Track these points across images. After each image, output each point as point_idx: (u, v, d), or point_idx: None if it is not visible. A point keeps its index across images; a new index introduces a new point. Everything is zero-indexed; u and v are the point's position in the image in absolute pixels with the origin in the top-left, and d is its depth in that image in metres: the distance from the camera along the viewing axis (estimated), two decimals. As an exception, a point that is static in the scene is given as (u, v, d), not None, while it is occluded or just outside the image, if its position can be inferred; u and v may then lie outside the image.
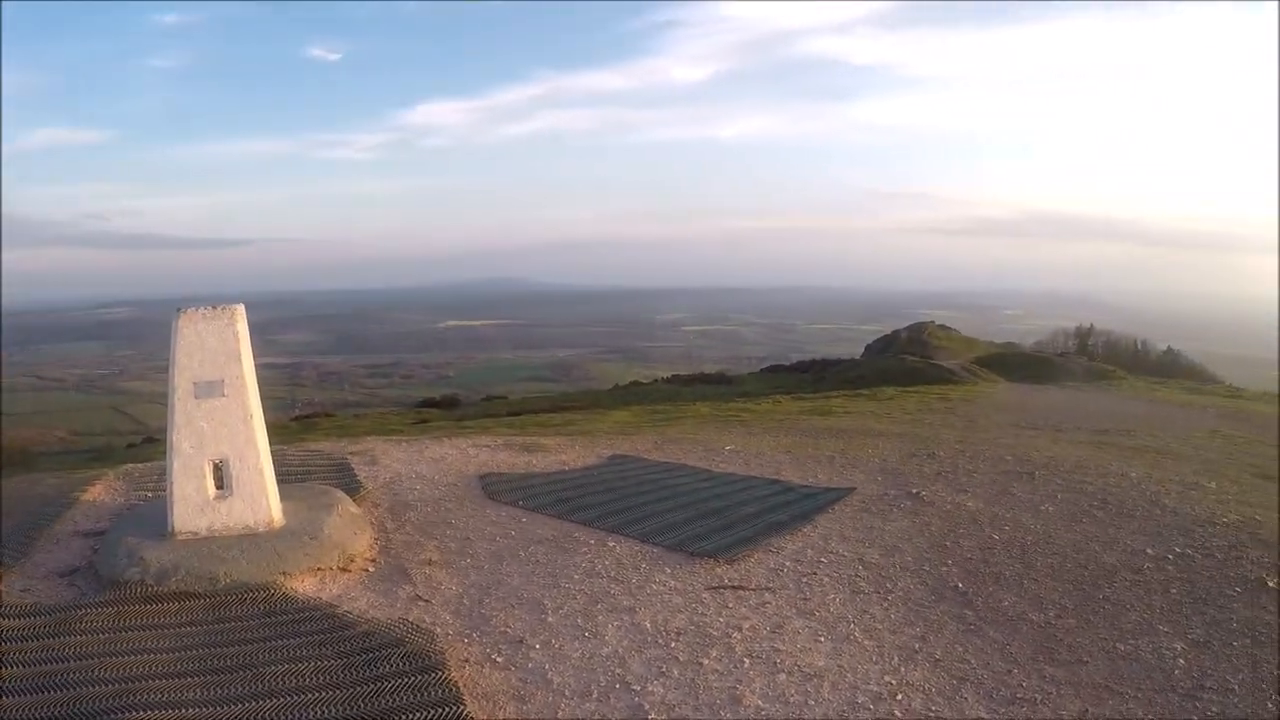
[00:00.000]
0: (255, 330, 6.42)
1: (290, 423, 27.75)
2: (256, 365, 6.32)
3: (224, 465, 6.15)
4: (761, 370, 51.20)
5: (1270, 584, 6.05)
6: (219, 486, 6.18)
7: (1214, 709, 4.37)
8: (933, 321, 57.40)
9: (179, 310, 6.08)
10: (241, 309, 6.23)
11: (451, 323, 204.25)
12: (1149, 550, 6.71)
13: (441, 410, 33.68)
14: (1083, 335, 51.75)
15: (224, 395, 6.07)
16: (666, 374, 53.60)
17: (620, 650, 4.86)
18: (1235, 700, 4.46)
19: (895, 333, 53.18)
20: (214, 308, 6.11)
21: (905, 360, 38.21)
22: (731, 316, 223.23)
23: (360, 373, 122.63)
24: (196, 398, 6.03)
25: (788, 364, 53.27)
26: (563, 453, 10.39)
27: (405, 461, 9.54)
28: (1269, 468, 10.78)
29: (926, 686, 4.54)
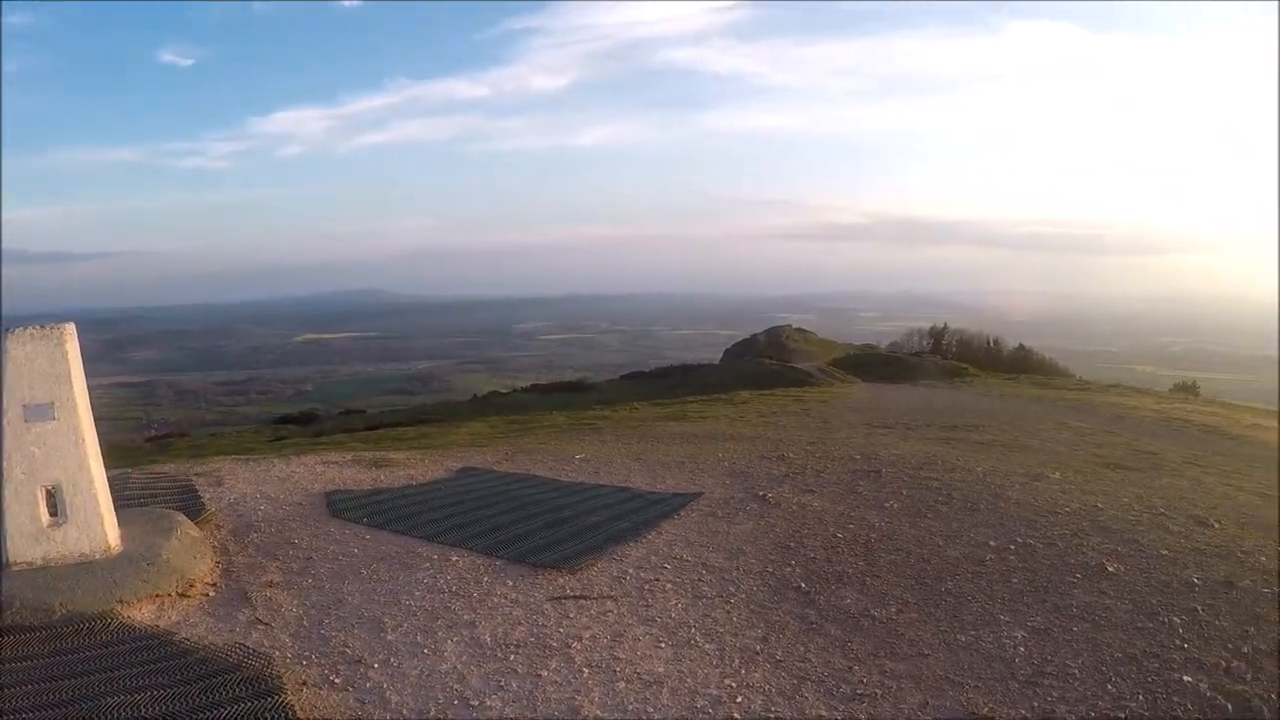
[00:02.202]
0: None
1: (144, 444, 26.58)
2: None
3: (57, 491, 5.90)
4: (621, 377, 51.56)
5: (1110, 568, 6.41)
6: (52, 513, 5.93)
7: (1054, 694, 4.59)
8: (790, 325, 58.74)
9: (8, 331, 5.81)
10: (72, 328, 6.00)
11: (309, 336, 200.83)
12: (991, 542, 7.03)
13: (299, 427, 32.84)
14: (937, 334, 53.74)
15: (54, 419, 5.83)
16: (527, 383, 53.61)
17: (459, 666, 4.86)
18: (1075, 685, 4.70)
19: (753, 337, 54.24)
20: (43, 327, 5.86)
21: (763, 364, 38.97)
22: (592, 324, 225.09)
23: (217, 390, 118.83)
24: (26, 421, 5.78)
25: (647, 370, 53.78)
26: (411, 467, 10.33)
27: (251, 481, 9.35)
28: (1112, 457, 11.44)
29: (766, 687, 4.64)
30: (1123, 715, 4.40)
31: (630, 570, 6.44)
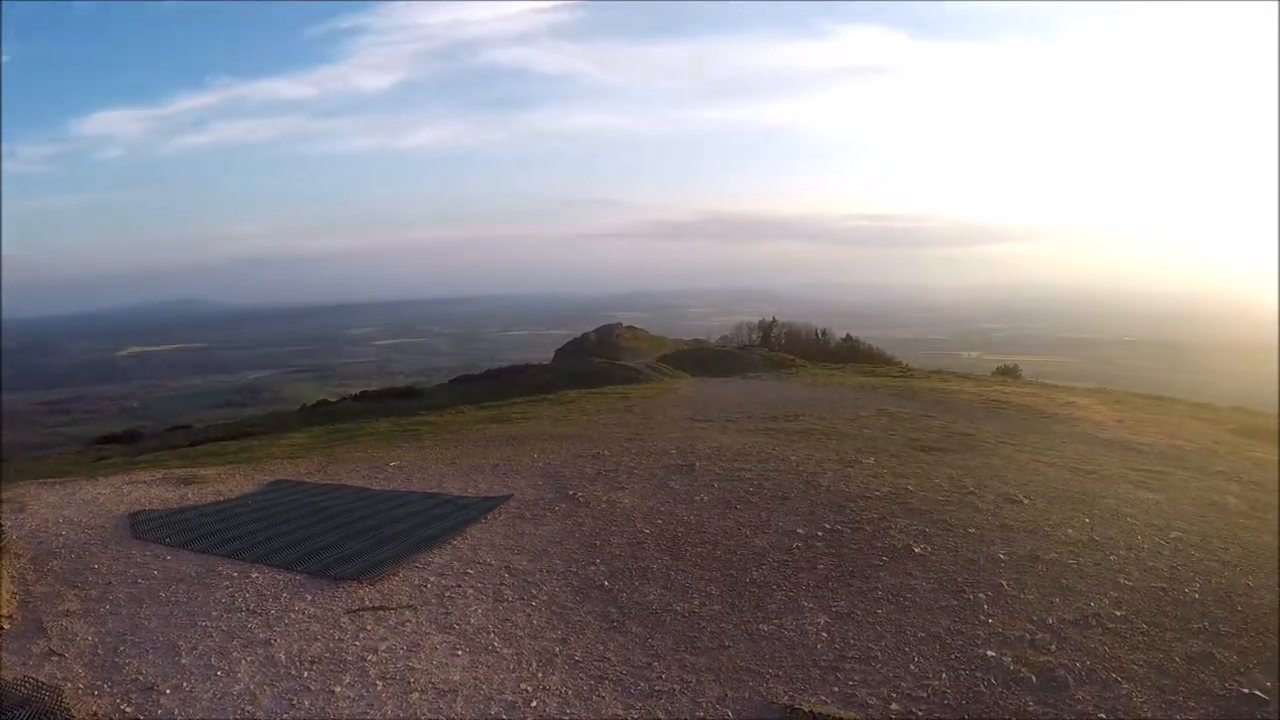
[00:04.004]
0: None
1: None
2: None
3: None
4: (450, 381, 50.99)
5: (916, 549, 6.57)
6: None
7: (855, 678, 4.66)
8: (621, 323, 59.12)
9: None
10: None
11: (133, 349, 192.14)
12: (800, 530, 7.14)
13: (121, 446, 31.20)
14: (765, 328, 54.87)
15: None
16: (357, 391, 52.57)
17: (252, 687, 4.72)
18: (877, 667, 4.78)
19: (584, 336, 54.31)
20: None
21: (592, 362, 39.02)
22: (423, 328, 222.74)
23: (39, 411, 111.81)
24: None
25: (477, 373, 53.36)
26: (221, 483, 10.00)
27: (54, 506, 8.88)
28: (927, 440, 11.81)
29: (563, 689, 4.61)
30: (925, 694, 4.48)
31: (432, 578, 6.35)
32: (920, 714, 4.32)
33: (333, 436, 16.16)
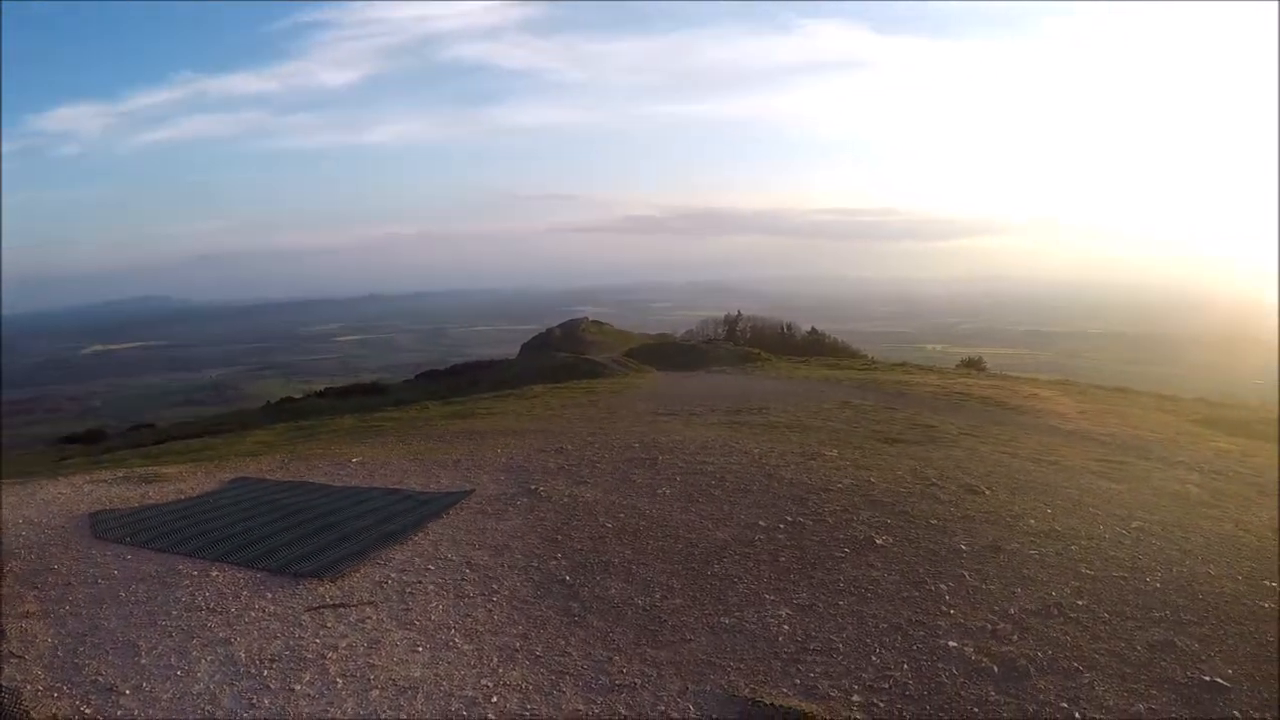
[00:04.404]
0: None
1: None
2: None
3: None
4: (415, 377, 50.94)
5: (878, 541, 6.60)
6: None
7: (817, 670, 4.66)
8: (587, 318, 59.29)
9: None
10: None
11: (96, 347, 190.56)
12: (762, 522, 7.17)
13: (85, 445, 30.94)
14: (731, 322, 55.15)
15: None
16: (321, 387, 52.40)
17: (212, 686, 4.70)
18: (839, 659, 4.79)
19: (550, 331, 54.46)
20: None
21: (557, 357, 39.10)
22: (387, 324, 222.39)
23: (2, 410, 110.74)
24: None
25: (442, 369, 53.36)
26: (183, 481, 9.95)
27: (13, 506, 8.81)
28: (890, 432, 11.88)
29: (524, 685, 4.59)
30: (886, 686, 4.49)
31: (393, 574, 6.33)
32: (882, 705, 4.33)
33: (296, 433, 16.08)
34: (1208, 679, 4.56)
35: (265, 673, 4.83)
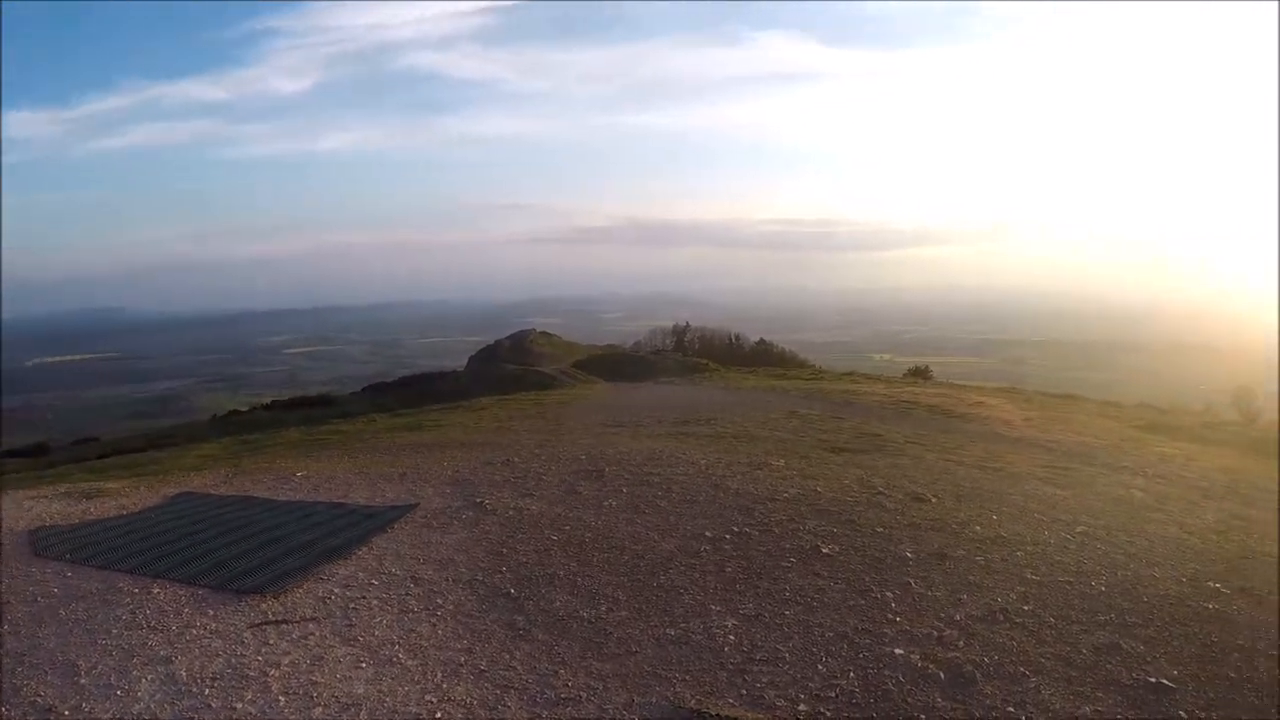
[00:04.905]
0: None
1: None
2: None
3: None
4: (363, 389, 50.60)
5: (824, 550, 6.63)
6: None
7: (763, 680, 4.66)
8: (535, 329, 59.23)
9: None
10: None
11: (42, 359, 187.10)
12: (708, 533, 7.18)
13: (28, 459, 30.28)
14: (679, 332, 55.29)
15: None
16: (269, 400, 51.87)
17: (153, 706, 4.62)
18: (785, 668, 4.79)
19: (498, 342, 54.33)
20: None
21: (506, 369, 39.03)
22: (337, 336, 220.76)
23: None
24: None
25: (390, 381, 53.07)
26: (126, 496, 9.79)
27: None
28: (836, 441, 11.96)
29: (469, 700, 4.56)
30: (833, 694, 4.50)
31: (336, 590, 6.26)
32: (828, 714, 4.34)
33: (241, 447, 15.89)
34: (1153, 680, 4.63)
35: (207, 691, 4.77)
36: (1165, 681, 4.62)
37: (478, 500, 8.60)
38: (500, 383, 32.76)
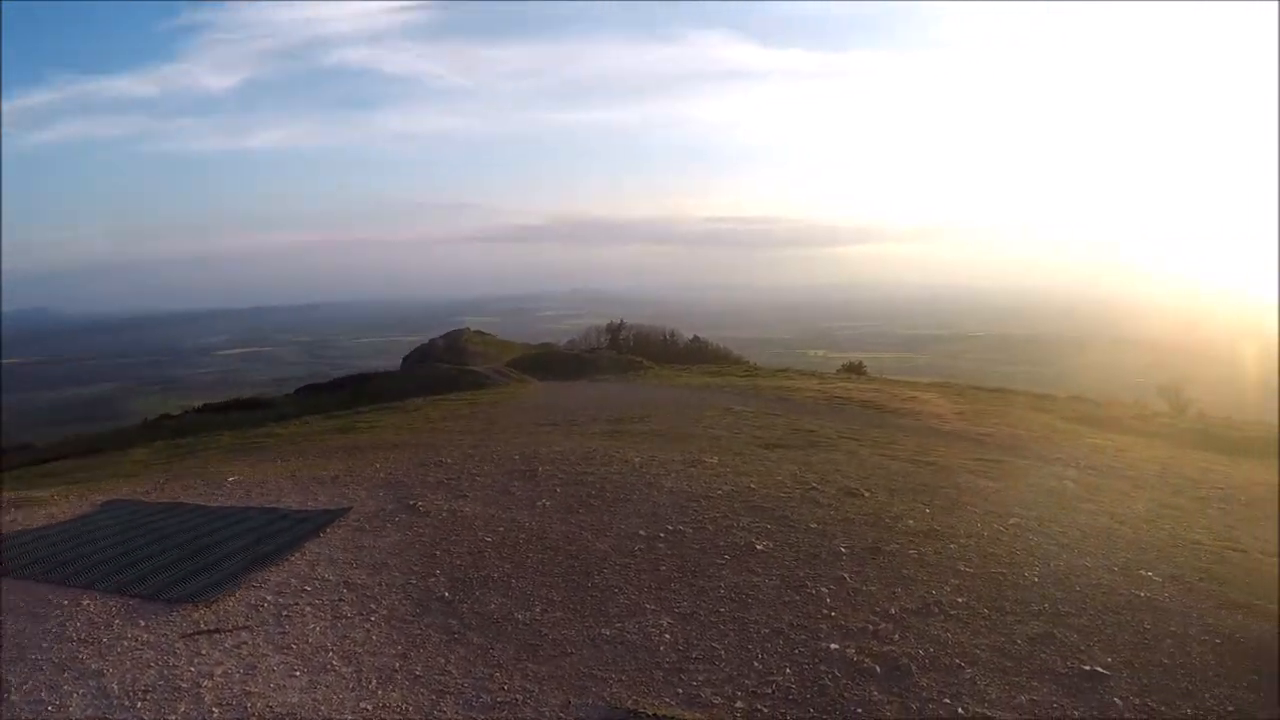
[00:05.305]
0: None
1: None
2: None
3: None
4: (297, 391, 49.95)
5: (759, 546, 6.66)
6: None
7: (699, 678, 4.67)
8: (469, 328, 58.90)
9: None
10: None
11: None
12: (642, 532, 7.19)
13: None
14: (614, 330, 55.24)
15: None
16: (201, 403, 50.97)
17: None
18: (721, 666, 4.81)
19: (432, 342, 53.96)
20: None
21: (439, 369, 38.80)
22: (272, 336, 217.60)
23: None
24: None
25: (324, 382, 52.47)
26: (54, 505, 9.53)
27: None
28: (771, 437, 12.03)
29: (404, 706, 4.52)
30: (769, 691, 4.52)
31: (269, 597, 6.17)
32: (765, 711, 4.35)
33: (173, 452, 15.69)
34: (1088, 668, 4.72)
35: (139, 704, 4.68)
36: (1100, 669, 4.71)
37: (411, 502, 8.53)
38: (434, 383, 32.54)
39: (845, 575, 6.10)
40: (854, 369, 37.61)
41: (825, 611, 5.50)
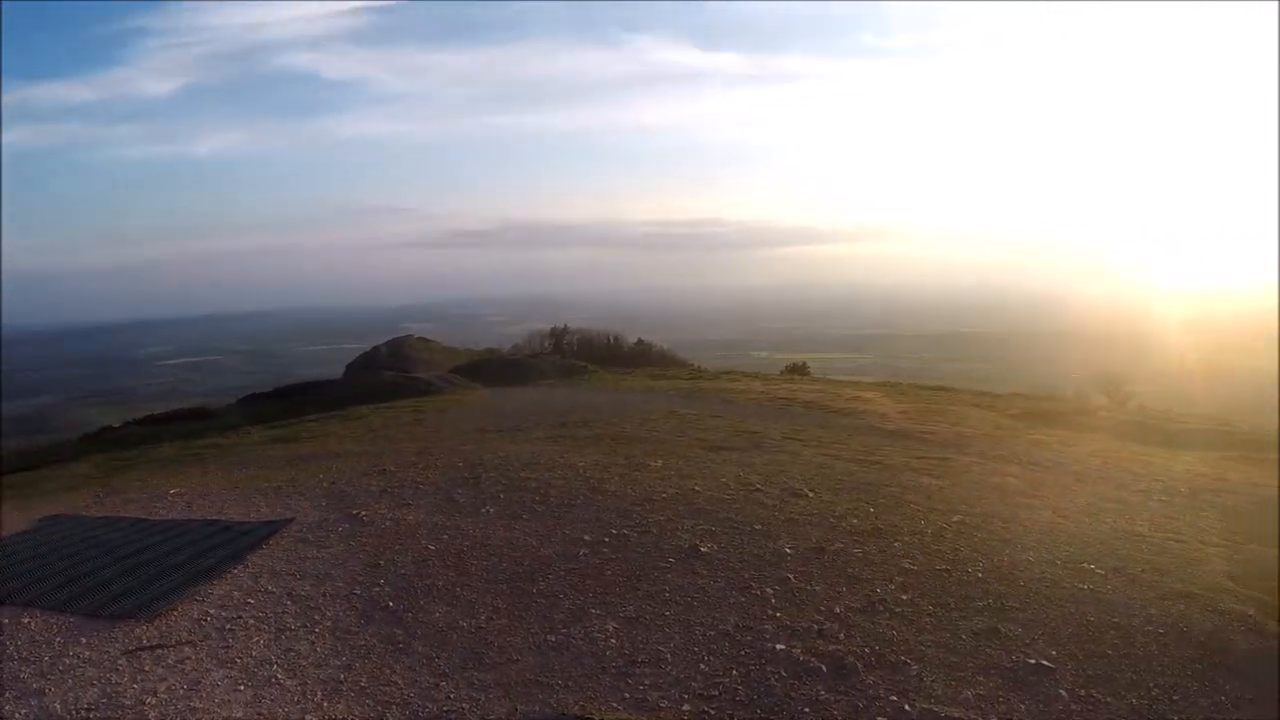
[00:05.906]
0: None
1: None
2: None
3: None
4: (239, 401, 49.33)
5: (703, 549, 6.70)
6: None
7: (646, 682, 4.70)
8: (413, 335, 58.56)
9: None
10: None
11: None
12: (586, 537, 7.20)
13: None
14: (557, 334, 55.20)
15: None
16: (143, 414, 50.10)
17: None
18: (668, 669, 4.84)
19: (375, 349, 53.59)
20: None
21: (383, 376, 38.52)
22: (215, 345, 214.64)
23: None
24: None
25: (267, 391, 51.83)
26: None
27: None
28: (714, 440, 12.08)
29: (349, 718, 4.51)
30: (716, 693, 4.55)
31: (212, 610, 6.12)
32: (713, 713, 4.39)
33: (114, 465, 15.41)
34: (1033, 661, 4.81)
35: (83, 724, 4.62)
36: (1045, 662, 4.80)
37: (354, 512, 8.48)
38: (378, 391, 32.32)
39: (790, 575, 6.15)
40: (798, 369, 37.82)
41: (771, 612, 5.54)
